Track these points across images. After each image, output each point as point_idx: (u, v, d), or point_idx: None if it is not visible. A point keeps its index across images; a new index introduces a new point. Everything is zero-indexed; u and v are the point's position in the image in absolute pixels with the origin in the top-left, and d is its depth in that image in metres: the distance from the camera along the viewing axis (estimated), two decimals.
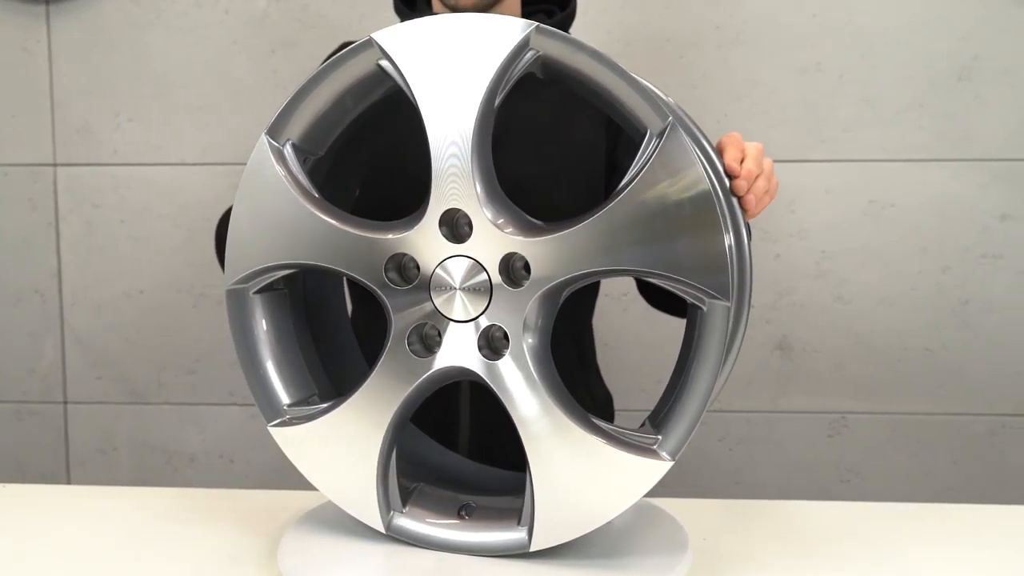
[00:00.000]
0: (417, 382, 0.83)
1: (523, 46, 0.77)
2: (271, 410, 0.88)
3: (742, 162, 0.83)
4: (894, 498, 1.80)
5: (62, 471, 1.94)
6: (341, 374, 0.95)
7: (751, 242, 0.81)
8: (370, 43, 0.81)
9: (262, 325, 0.89)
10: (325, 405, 0.87)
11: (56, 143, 1.86)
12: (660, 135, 0.75)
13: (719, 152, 0.85)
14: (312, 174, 0.88)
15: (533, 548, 0.82)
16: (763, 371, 1.82)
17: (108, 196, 1.87)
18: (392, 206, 1.02)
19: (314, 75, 0.84)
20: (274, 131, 0.86)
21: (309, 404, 0.89)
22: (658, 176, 0.74)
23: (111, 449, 1.93)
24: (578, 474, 0.79)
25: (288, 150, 0.85)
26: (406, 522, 0.87)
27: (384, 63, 0.82)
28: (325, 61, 1.31)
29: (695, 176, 0.73)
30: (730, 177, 0.83)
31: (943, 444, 1.82)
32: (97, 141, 1.85)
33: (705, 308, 0.75)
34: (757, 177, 0.83)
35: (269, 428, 0.88)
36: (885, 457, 1.83)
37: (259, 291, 0.88)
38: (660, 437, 0.78)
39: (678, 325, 1.81)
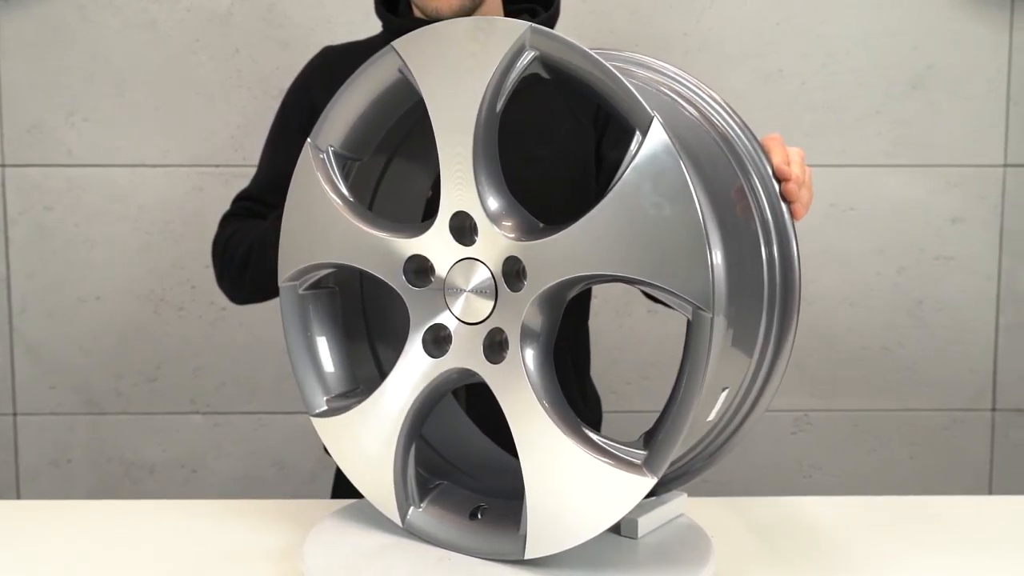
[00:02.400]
0: (428, 382, 0.84)
1: (521, 47, 0.76)
2: (312, 401, 0.91)
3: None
4: (854, 492, 1.86)
5: (11, 485, 1.86)
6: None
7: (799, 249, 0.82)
8: (390, 50, 0.82)
9: (310, 320, 0.92)
10: (355, 400, 0.88)
11: (4, 143, 1.78)
12: (644, 133, 0.71)
13: (766, 153, 0.85)
14: (359, 178, 0.89)
15: (527, 556, 0.81)
16: None
17: (61, 198, 1.79)
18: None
19: (347, 83, 0.86)
20: (315, 137, 0.88)
21: (347, 398, 0.91)
22: (639, 177, 0.70)
23: (65, 461, 1.85)
24: (567, 484, 0.77)
25: (328, 156, 0.88)
26: (420, 518, 0.88)
27: (404, 70, 0.82)
28: (304, 69, 1.30)
29: (676, 178, 0.69)
30: (779, 180, 0.83)
31: (900, 439, 1.89)
32: (49, 141, 1.78)
33: (691, 319, 0.71)
34: (801, 184, 0.83)
35: (310, 418, 0.91)
36: (845, 453, 1.89)
37: (309, 288, 0.91)
38: (646, 453, 0.75)
39: (646, 329, 1.84)
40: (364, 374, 0.94)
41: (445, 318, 0.83)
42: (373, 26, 1.77)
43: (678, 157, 0.70)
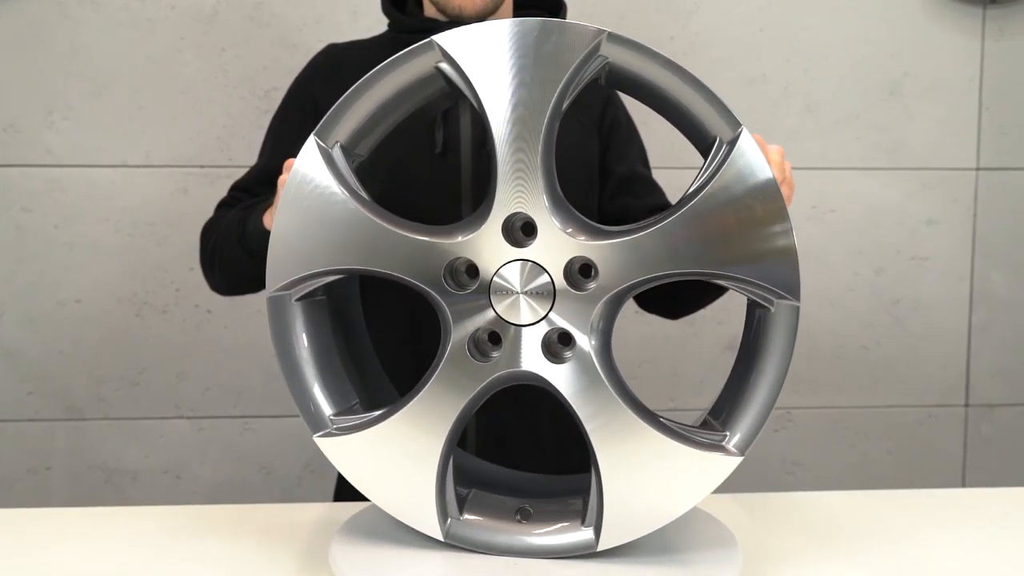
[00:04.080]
0: (478, 388, 0.82)
1: (592, 52, 0.79)
2: (316, 421, 0.86)
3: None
4: (835, 487, 1.91)
5: None
6: (364, 382, 0.93)
7: None
8: (431, 45, 0.81)
9: (303, 333, 0.86)
10: (377, 413, 0.85)
11: None
12: (732, 142, 0.78)
13: None
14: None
15: (600, 547, 0.83)
16: (714, 371, 1.88)
17: (40, 199, 1.75)
18: (407, 211, 1.01)
19: (370, 75, 0.83)
20: (323, 133, 0.84)
21: (352, 413, 0.87)
22: (730, 182, 0.78)
23: (44, 469, 1.80)
24: (648, 472, 0.80)
25: (337, 152, 0.84)
26: (465, 529, 0.86)
27: (444, 66, 0.81)
28: (308, 65, 1.29)
29: (767, 181, 0.78)
30: None
31: (878, 434, 1.94)
32: (28, 141, 1.74)
33: (773, 309, 0.79)
34: (782, 182, 0.86)
35: (315, 439, 0.85)
36: (826, 449, 1.93)
37: (300, 298, 0.86)
38: (727, 433, 0.81)
39: (633, 330, 1.86)
40: (355, 387, 0.90)
41: (492, 321, 0.81)
42: (363, 26, 1.77)
43: (767, 162, 0.76)
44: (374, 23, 1.77)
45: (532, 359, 0.81)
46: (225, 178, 1.76)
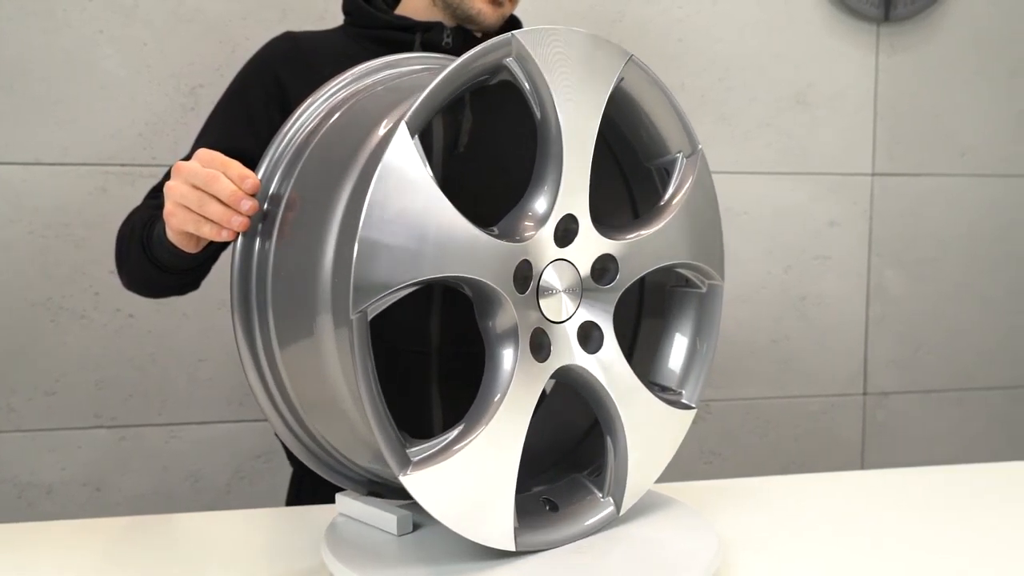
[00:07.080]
0: (542, 389, 0.82)
1: (621, 70, 0.85)
2: (403, 456, 0.75)
3: None
4: (749, 474, 2.02)
5: None
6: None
7: None
8: (510, 41, 0.78)
9: (371, 359, 0.74)
10: (452, 435, 0.77)
11: None
12: (693, 157, 0.92)
13: None
14: None
15: (621, 513, 0.89)
16: None
17: None
18: None
19: (459, 63, 0.76)
20: (411, 124, 0.73)
21: (412, 442, 0.78)
22: (697, 189, 0.92)
23: None
24: (654, 435, 0.90)
25: (419, 147, 0.73)
26: (527, 533, 0.83)
27: (511, 62, 0.79)
28: (269, 50, 1.24)
29: (712, 187, 0.93)
30: None
31: (786, 423, 2.06)
32: None
33: (704, 289, 0.95)
34: None
35: (404, 478, 0.74)
36: (740, 438, 2.05)
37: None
38: (684, 391, 0.95)
39: None
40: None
41: (540, 321, 0.82)
42: (292, 22, 1.74)
43: (711, 174, 0.92)
44: (304, 19, 1.74)
45: (576, 354, 0.85)
46: (148, 177, 1.70)
